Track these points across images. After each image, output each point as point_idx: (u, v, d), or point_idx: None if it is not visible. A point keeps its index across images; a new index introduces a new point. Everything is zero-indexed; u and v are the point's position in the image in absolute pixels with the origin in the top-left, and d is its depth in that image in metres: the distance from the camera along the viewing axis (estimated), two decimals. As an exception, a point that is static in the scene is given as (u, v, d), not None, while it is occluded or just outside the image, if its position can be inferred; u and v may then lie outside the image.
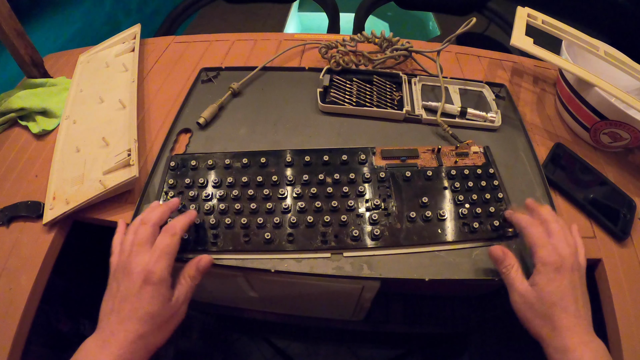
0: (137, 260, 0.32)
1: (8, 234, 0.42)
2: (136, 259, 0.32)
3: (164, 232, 0.35)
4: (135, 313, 0.31)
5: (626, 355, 0.36)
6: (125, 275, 0.32)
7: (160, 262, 0.32)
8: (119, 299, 0.32)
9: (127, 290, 0.32)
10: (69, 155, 0.48)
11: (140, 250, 0.33)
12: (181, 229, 0.35)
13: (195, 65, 0.62)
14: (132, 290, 0.31)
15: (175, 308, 0.33)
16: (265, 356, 0.92)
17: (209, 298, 0.79)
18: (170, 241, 0.34)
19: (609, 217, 0.44)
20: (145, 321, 0.31)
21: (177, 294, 0.34)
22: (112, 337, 0.30)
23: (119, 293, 0.32)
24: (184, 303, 0.34)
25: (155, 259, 0.32)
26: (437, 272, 0.39)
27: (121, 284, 0.32)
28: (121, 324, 0.31)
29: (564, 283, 0.32)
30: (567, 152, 0.51)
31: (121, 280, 0.32)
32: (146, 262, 0.32)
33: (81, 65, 0.62)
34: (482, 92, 0.58)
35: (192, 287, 0.35)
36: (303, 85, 0.57)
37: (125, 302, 0.31)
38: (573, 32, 0.56)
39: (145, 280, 0.31)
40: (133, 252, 0.33)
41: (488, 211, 0.43)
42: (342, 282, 0.50)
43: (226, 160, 0.46)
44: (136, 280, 0.32)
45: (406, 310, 0.86)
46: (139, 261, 0.32)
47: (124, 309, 0.31)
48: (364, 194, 0.43)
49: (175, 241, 0.34)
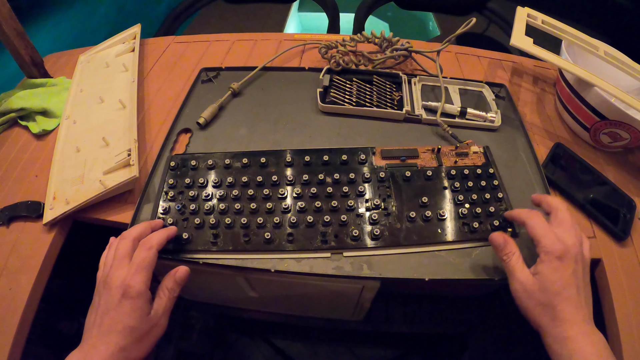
0: (116, 274, 0.33)
1: (8, 234, 0.42)
2: (115, 273, 0.33)
3: (141, 246, 0.35)
4: (115, 326, 0.31)
5: (626, 354, 0.36)
6: (105, 289, 0.33)
7: (137, 276, 0.33)
8: (100, 313, 0.32)
9: (107, 304, 0.32)
10: (69, 155, 0.48)
11: (119, 265, 0.33)
12: (157, 243, 0.35)
13: (195, 65, 0.62)
14: (112, 304, 0.32)
15: (155, 320, 0.33)
16: (265, 356, 0.92)
17: (209, 298, 0.79)
18: (146, 255, 0.34)
19: (609, 217, 0.44)
20: (125, 334, 0.31)
21: (155, 307, 0.34)
22: (94, 350, 0.31)
23: (100, 307, 0.32)
24: (164, 315, 0.34)
25: (132, 273, 0.33)
26: (437, 272, 0.39)
27: (102, 297, 0.33)
28: (102, 337, 0.31)
29: (567, 273, 0.32)
30: (567, 152, 0.51)
31: (102, 294, 0.33)
32: (124, 276, 0.33)
33: (81, 65, 0.62)
34: (482, 92, 0.58)
35: (170, 299, 0.35)
36: (303, 85, 0.58)
37: (106, 315, 0.32)
38: (573, 32, 0.56)
39: (123, 294, 0.32)
40: (113, 266, 0.34)
41: (488, 211, 0.43)
42: (342, 282, 0.50)
43: (226, 160, 0.46)
44: (115, 294, 0.32)
45: (406, 310, 0.86)
46: (118, 275, 0.33)
47: (104, 322, 0.32)
48: (363, 193, 0.43)
49: (151, 255, 0.34)
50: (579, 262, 0.33)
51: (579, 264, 0.33)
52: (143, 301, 0.33)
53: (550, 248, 0.33)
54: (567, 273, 0.32)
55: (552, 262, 0.32)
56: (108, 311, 0.32)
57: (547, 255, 0.33)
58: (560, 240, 0.33)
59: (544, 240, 0.33)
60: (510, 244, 0.36)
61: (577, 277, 0.32)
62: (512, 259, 0.35)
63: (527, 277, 0.33)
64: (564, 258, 0.32)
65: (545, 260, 0.33)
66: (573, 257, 0.33)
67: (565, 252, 0.32)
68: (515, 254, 0.35)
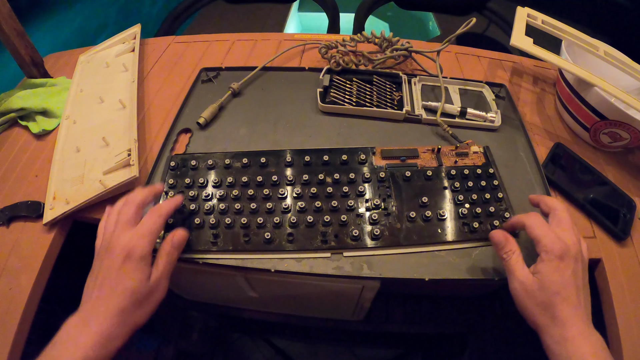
0: (120, 237, 0.33)
1: (8, 234, 0.42)
2: (119, 237, 0.33)
3: (151, 212, 0.35)
4: (116, 289, 0.31)
5: (626, 354, 0.36)
6: (107, 252, 0.33)
7: (142, 240, 0.33)
8: (101, 277, 0.32)
9: (108, 267, 0.32)
10: (69, 155, 0.48)
11: (123, 229, 0.34)
12: (167, 211, 0.36)
13: (195, 65, 0.62)
14: (114, 267, 0.32)
15: (155, 284, 0.33)
16: (265, 356, 0.92)
17: (209, 298, 0.79)
18: (155, 220, 0.34)
19: (609, 217, 0.44)
20: (126, 297, 0.31)
21: (155, 271, 0.34)
22: (92, 313, 0.31)
23: (100, 271, 0.32)
24: (163, 279, 0.34)
25: (138, 237, 0.33)
26: (437, 272, 0.39)
27: (103, 261, 0.33)
28: (102, 299, 0.31)
29: (567, 273, 0.32)
30: (567, 152, 0.51)
31: (104, 258, 0.33)
32: (129, 239, 0.33)
33: (81, 65, 0.62)
34: (482, 92, 0.58)
35: (170, 263, 0.35)
36: (303, 85, 0.58)
37: (107, 279, 0.32)
38: (573, 32, 0.56)
39: (126, 256, 0.32)
40: (116, 230, 0.34)
41: (488, 211, 0.43)
42: (342, 282, 0.50)
43: (226, 160, 0.46)
44: (118, 257, 0.32)
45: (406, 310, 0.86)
46: (122, 238, 0.33)
47: (105, 285, 0.32)
48: (363, 193, 0.43)
49: (160, 222, 0.35)
50: (578, 262, 0.33)
51: (579, 263, 0.33)
52: (145, 264, 0.33)
53: (551, 247, 0.32)
54: (567, 273, 0.32)
55: (553, 261, 0.32)
56: (109, 274, 0.32)
57: (547, 255, 0.32)
58: (561, 239, 0.33)
59: (545, 239, 0.33)
60: (511, 242, 0.35)
61: (577, 277, 0.32)
62: (512, 258, 0.34)
63: (526, 276, 0.33)
64: (564, 257, 0.32)
65: (545, 260, 0.32)
66: (573, 257, 0.32)
67: (566, 251, 0.32)
68: (516, 253, 0.35)
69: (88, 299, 0.32)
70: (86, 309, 0.32)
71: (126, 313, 0.31)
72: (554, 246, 0.32)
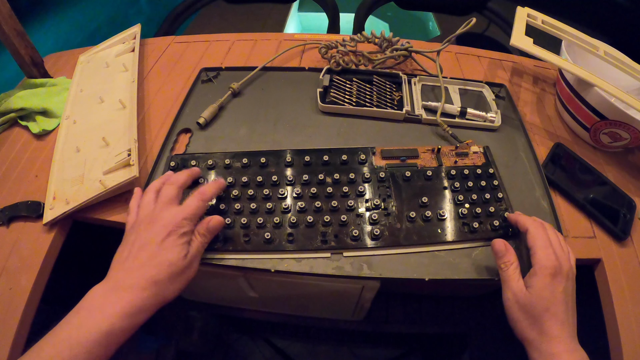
0: (164, 213, 0.34)
1: (8, 234, 0.42)
2: (163, 212, 0.34)
3: (197, 195, 0.37)
4: (154, 259, 0.32)
5: (626, 355, 0.36)
6: (149, 225, 0.34)
7: (187, 221, 0.34)
8: (137, 248, 0.33)
9: (147, 239, 0.33)
10: (69, 155, 0.48)
11: (168, 205, 0.35)
12: (210, 196, 0.38)
13: (195, 65, 0.62)
14: (155, 239, 0.33)
15: (189, 262, 0.34)
16: (265, 356, 0.92)
17: (209, 298, 0.79)
18: (200, 205, 0.36)
19: (609, 217, 0.44)
20: (162, 269, 0.32)
21: (190, 249, 0.35)
22: (124, 283, 0.31)
23: (137, 242, 0.33)
24: (196, 258, 0.35)
25: (183, 216, 0.34)
26: (437, 272, 0.39)
27: (141, 234, 0.33)
28: (136, 269, 0.32)
29: (558, 290, 0.33)
30: (567, 152, 0.51)
31: (142, 231, 0.34)
32: (174, 215, 0.34)
33: (81, 65, 0.62)
34: (482, 92, 0.58)
35: (202, 244, 0.36)
36: (303, 85, 0.57)
37: (144, 250, 0.32)
38: (573, 32, 0.56)
39: (171, 231, 0.33)
40: (159, 206, 0.35)
41: (488, 211, 0.43)
42: (342, 282, 0.50)
43: (226, 160, 0.46)
44: (160, 231, 0.33)
45: (406, 310, 0.86)
46: (166, 214, 0.34)
47: (141, 255, 0.32)
48: (363, 193, 0.43)
49: (204, 206, 0.37)
50: (569, 280, 0.34)
51: (569, 282, 0.34)
52: (185, 242, 0.34)
53: (545, 263, 0.33)
54: (558, 290, 0.33)
55: (546, 277, 0.33)
56: (148, 246, 0.32)
57: (541, 270, 0.33)
58: (556, 256, 0.34)
59: (541, 253, 0.34)
60: (510, 253, 0.36)
61: (567, 294, 0.33)
62: (510, 269, 0.35)
63: (520, 289, 0.34)
64: (556, 275, 0.33)
65: (539, 275, 0.33)
66: (565, 275, 0.33)
67: (559, 269, 0.33)
68: (514, 265, 0.35)
69: (120, 268, 0.32)
70: (116, 278, 0.32)
71: (160, 285, 0.31)
72: (549, 262, 0.33)
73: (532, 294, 0.33)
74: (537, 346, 0.32)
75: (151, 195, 0.37)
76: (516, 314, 0.34)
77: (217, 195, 0.39)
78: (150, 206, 0.36)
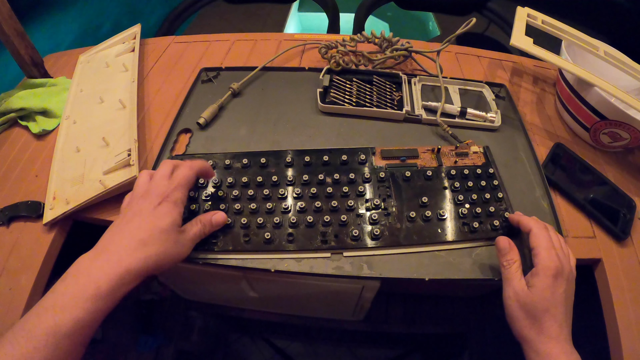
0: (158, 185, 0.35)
1: (8, 234, 0.42)
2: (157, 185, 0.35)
3: (182, 165, 0.37)
4: (145, 224, 0.32)
5: (626, 355, 0.36)
6: (142, 197, 0.34)
7: (177, 192, 0.35)
8: (130, 215, 0.33)
9: (140, 208, 0.33)
10: (69, 155, 0.48)
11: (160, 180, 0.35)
12: (198, 168, 0.37)
13: (195, 65, 0.62)
14: (147, 207, 0.33)
15: (182, 239, 0.34)
16: (265, 356, 0.92)
17: (209, 298, 0.79)
18: (188, 173, 0.36)
19: (609, 217, 0.44)
20: (154, 233, 0.31)
21: (186, 228, 0.35)
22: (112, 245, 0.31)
23: (129, 212, 0.33)
24: (191, 241, 0.36)
25: (172, 188, 0.34)
26: (437, 272, 0.39)
27: (134, 205, 0.34)
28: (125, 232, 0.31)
29: (559, 291, 0.33)
30: (567, 152, 0.51)
31: (135, 203, 0.34)
32: (165, 187, 0.34)
33: (81, 65, 0.62)
34: (482, 92, 0.58)
35: (200, 231, 0.37)
36: (303, 85, 0.57)
37: (137, 216, 0.32)
38: (573, 32, 0.56)
39: (163, 199, 0.33)
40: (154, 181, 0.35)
41: (488, 211, 0.43)
42: (342, 282, 0.50)
43: (226, 160, 0.46)
44: (154, 200, 0.33)
45: (406, 310, 0.86)
46: (160, 186, 0.34)
47: (133, 221, 0.32)
48: (363, 194, 0.43)
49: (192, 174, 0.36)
50: (570, 282, 0.34)
51: (570, 283, 0.34)
52: (178, 212, 0.34)
53: (548, 264, 0.33)
54: (558, 292, 0.33)
55: (548, 278, 0.33)
56: (140, 212, 0.32)
57: (544, 270, 0.33)
58: (559, 258, 0.34)
59: (545, 253, 0.34)
60: (514, 252, 0.36)
61: (567, 296, 0.33)
62: (512, 267, 0.35)
63: (522, 289, 0.34)
64: (558, 277, 0.33)
65: (541, 275, 0.33)
66: (566, 277, 0.34)
67: (561, 270, 0.33)
68: (516, 263, 0.35)
69: (109, 235, 0.32)
70: (103, 244, 0.31)
71: (150, 248, 0.31)
72: (552, 263, 0.33)
73: (533, 293, 0.33)
74: (535, 346, 0.32)
75: (145, 176, 0.36)
76: (516, 313, 0.34)
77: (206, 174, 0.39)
78: (145, 185, 0.36)
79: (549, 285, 0.33)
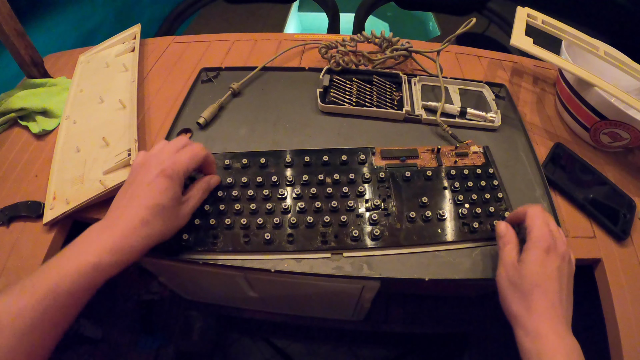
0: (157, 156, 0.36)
1: (8, 234, 0.42)
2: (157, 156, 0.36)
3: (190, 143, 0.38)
4: (145, 201, 0.33)
5: (626, 355, 0.36)
6: (143, 167, 0.35)
7: (177, 163, 0.35)
8: (132, 190, 0.34)
9: (141, 180, 0.34)
10: (69, 155, 0.48)
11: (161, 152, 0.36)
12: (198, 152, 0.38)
13: (195, 65, 0.62)
14: (146, 180, 0.34)
15: (181, 211, 0.36)
16: (265, 356, 0.92)
17: (209, 298, 0.79)
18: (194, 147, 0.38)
19: (609, 217, 0.44)
20: (153, 211, 0.33)
21: (187, 196, 0.37)
22: (118, 220, 0.32)
23: (132, 185, 0.34)
24: (189, 209, 0.37)
25: (173, 159, 0.36)
26: (437, 272, 0.39)
27: (137, 176, 0.35)
28: (129, 208, 0.33)
29: (551, 267, 0.31)
30: (567, 152, 0.51)
31: (137, 174, 0.35)
32: (165, 157, 0.35)
33: (81, 65, 0.62)
34: (482, 92, 0.58)
35: (199, 199, 0.38)
36: (303, 85, 0.57)
37: (137, 191, 0.34)
38: (573, 32, 0.56)
39: (161, 171, 0.34)
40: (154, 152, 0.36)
41: (488, 211, 0.43)
42: (342, 282, 0.50)
43: (226, 160, 0.46)
44: (153, 171, 0.34)
45: (406, 310, 0.86)
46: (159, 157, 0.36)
47: (135, 197, 0.33)
48: (363, 194, 0.43)
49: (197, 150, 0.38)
50: (565, 261, 0.33)
51: (566, 263, 0.33)
52: (177, 184, 0.35)
53: (540, 238, 0.33)
54: (551, 267, 0.31)
55: (539, 253, 0.32)
56: (141, 186, 0.34)
57: (533, 244, 0.33)
58: (552, 235, 0.33)
59: (536, 230, 0.33)
60: (510, 234, 0.36)
61: (562, 274, 0.32)
62: (507, 247, 0.35)
63: (512, 264, 0.33)
64: (550, 251, 0.32)
65: (531, 249, 0.32)
66: (560, 254, 0.32)
67: (553, 246, 0.32)
68: (511, 244, 0.35)
69: (115, 208, 0.34)
70: (111, 217, 0.33)
71: (149, 226, 0.33)
72: (542, 237, 0.33)
73: (522, 267, 0.32)
74: (523, 322, 0.30)
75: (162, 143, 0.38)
76: (506, 290, 0.33)
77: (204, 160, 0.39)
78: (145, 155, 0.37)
79: (540, 259, 0.32)
